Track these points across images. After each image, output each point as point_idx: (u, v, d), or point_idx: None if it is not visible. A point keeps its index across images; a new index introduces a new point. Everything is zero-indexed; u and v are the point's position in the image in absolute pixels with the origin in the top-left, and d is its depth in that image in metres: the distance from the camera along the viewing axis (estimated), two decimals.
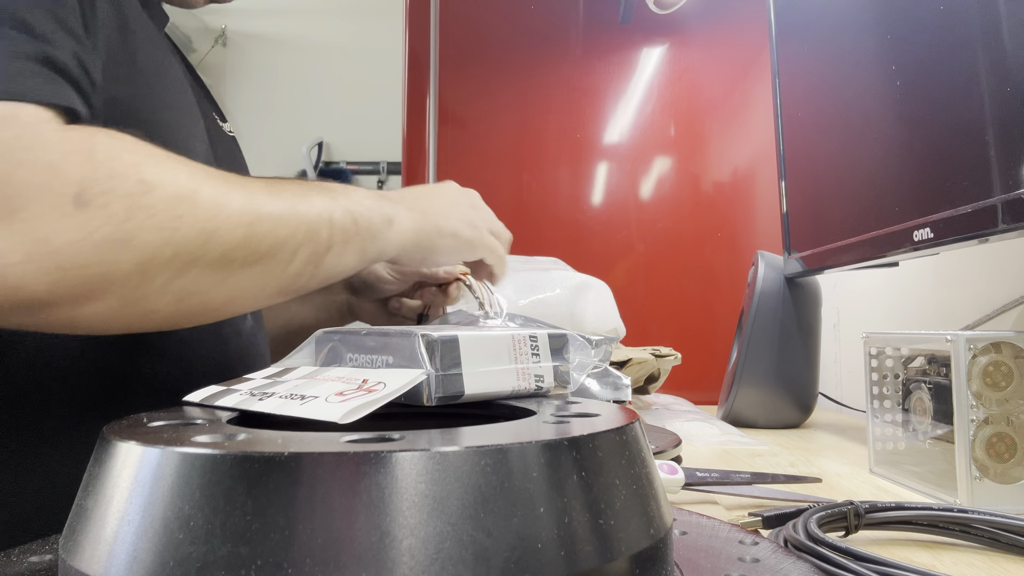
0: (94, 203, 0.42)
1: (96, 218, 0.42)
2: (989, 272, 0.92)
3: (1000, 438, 0.57)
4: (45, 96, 0.45)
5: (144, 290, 0.45)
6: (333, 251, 0.53)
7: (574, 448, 0.23)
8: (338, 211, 0.53)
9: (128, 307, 0.45)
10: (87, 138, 0.44)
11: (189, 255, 0.46)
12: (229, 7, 3.32)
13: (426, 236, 0.61)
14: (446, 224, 0.62)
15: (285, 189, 0.52)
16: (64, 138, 0.43)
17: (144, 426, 0.27)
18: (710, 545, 0.34)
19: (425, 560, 0.20)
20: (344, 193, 0.56)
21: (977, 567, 0.44)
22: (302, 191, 0.53)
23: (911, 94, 0.74)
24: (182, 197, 0.45)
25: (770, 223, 1.52)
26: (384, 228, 0.57)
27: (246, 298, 0.51)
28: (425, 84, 1.63)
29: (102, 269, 0.43)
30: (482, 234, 0.66)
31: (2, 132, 0.42)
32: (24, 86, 0.44)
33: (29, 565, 0.30)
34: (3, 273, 0.40)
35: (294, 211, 0.51)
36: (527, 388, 0.36)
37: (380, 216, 0.57)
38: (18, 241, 0.41)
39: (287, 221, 0.50)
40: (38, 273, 0.41)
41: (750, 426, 1.04)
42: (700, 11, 1.60)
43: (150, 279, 0.45)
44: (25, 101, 0.43)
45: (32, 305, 0.42)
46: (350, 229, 0.54)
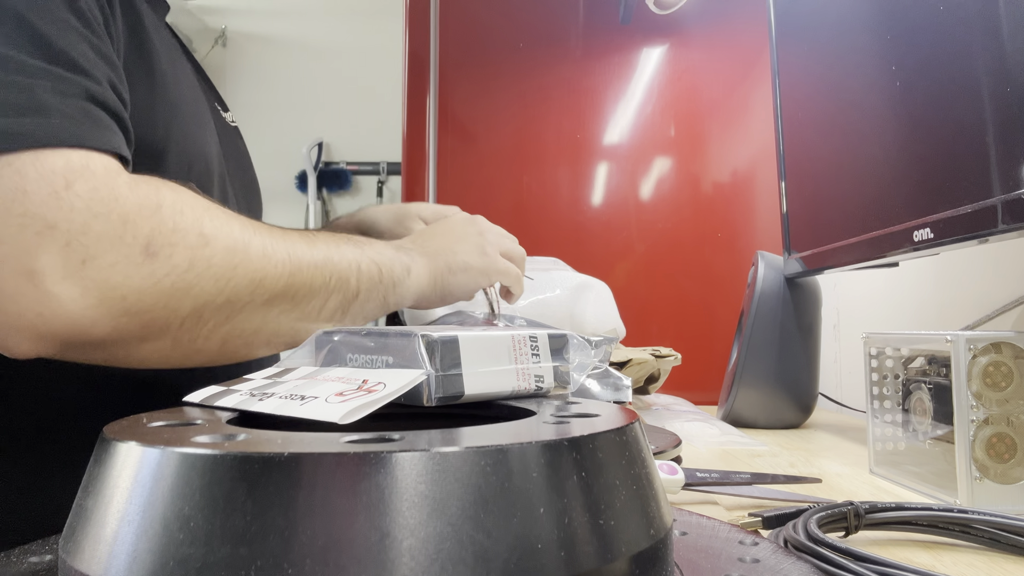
0: (161, 254, 0.46)
1: (162, 268, 0.46)
2: (989, 272, 0.92)
3: (1000, 438, 0.57)
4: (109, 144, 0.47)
5: (195, 333, 0.49)
6: (359, 298, 0.57)
7: (574, 448, 0.23)
8: (365, 261, 0.58)
9: (179, 347, 0.49)
10: (154, 193, 0.48)
11: (240, 301, 0.50)
12: (229, 7, 3.33)
13: (440, 277, 0.65)
14: (455, 260, 0.66)
15: (319, 240, 0.56)
16: (135, 192, 0.47)
17: (144, 426, 0.27)
18: (710, 545, 0.34)
19: (425, 561, 0.20)
20: (368, 244, 0.60)
21: (977, 567, 0.44)
22: (334, 242, 0.57)
23: (911, 94, 0.74)
24: (236, 249, 0.50)
25: (770, 223, 1.52)
26: (404, 277, 0.61)
27: (282, 340, 0.55)
28: (425, 84, 1.63)
29: (164, 314, 0.47)
30: (494, 259, 0.69)
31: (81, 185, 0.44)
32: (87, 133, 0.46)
33: (29, 565, 0.30)
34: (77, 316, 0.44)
35: (329, 260, 0.55)
36: (527, 388, 0.36)
37: (400, 266, 0.61)
38: (92, 287, 0.44)
39: (323, 270, 0.55)
40: (107, 316, 0.45)
41: (750, 426, 1.04)
42: (700, 11, 1.60)
43: (203, 323, 0.49)
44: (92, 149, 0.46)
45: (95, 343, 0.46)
46: (375, 278, 0.59)
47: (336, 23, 3.36)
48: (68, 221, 0.43)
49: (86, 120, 0.46)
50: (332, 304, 0.55)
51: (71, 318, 0.44)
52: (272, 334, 0.53)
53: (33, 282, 0.43)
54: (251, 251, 0.50)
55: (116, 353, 0.47)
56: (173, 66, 0.62)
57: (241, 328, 0.51)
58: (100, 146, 0.46)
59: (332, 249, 0.56)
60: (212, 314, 0.49)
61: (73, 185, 0.44)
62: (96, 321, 0.45)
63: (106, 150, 0.47)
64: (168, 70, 0.60)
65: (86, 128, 0.46)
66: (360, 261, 0.58)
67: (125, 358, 0.48)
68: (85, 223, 0.44)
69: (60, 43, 0.47)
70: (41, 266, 0.43)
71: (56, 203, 0.43)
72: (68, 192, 0.44)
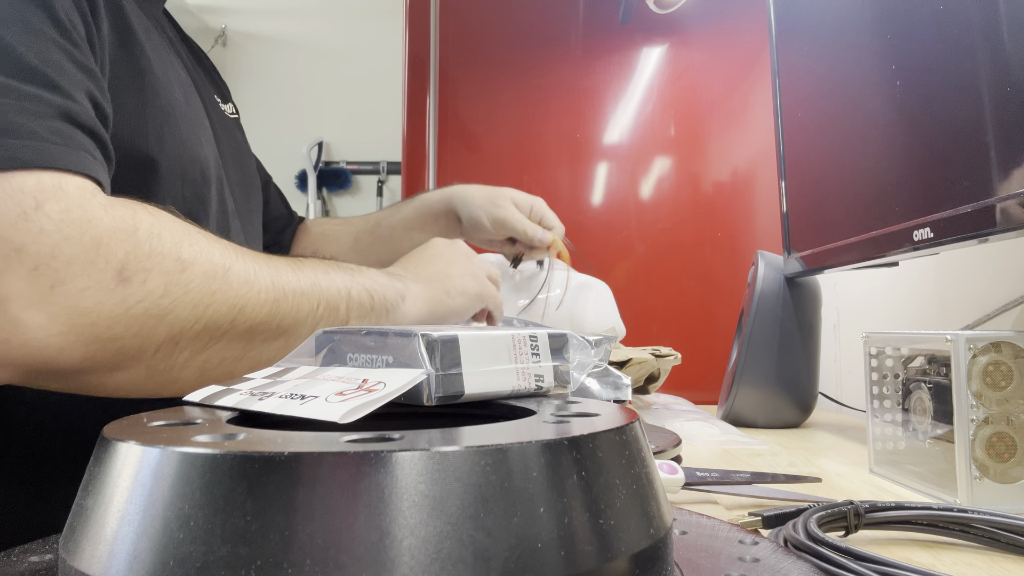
0: (135, 279, 0.44)
1: (136, 293, 0.44)
2: (989, 272, 0.92)
3: (1000, 438, 0.57)
4: (82, 167, 0.45)
5: (171, 362, 0.47)
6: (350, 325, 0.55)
7: (574, 448, 0.23)
8: (355, 287, 0.56)
9: (153, 376, 0.47)
10: (131, 215, 0.45)
11: (218, 329, 0.48)
12: (229, 7, 3.33)
13: (438, 302, 0.64)
14: (452, 285, 0.66)
15: (306, 266, 0.55)
16: (110, 213, 0.44)
17: (144, 426, 0.27)
18: (710, 545, 0.34)
19: (425, 560, 0.20)
20: (360, 271, 0.59)
21: (977, 567, 0.44)
22: (322, 268, 0.55)
23: (911, 94, 0.74)
24: (215, 275, 0.47)
25: (770, 223, 1.52)
26: (398, 303, 0.60)
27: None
28: (425, 84, 1.63)
29: (137, 341, 0.45)
30: (484, 283, 0.69)
31: (52, 206, 0.42)
32: (60, 155, 0.44)
33: (29, 565, 0.30)
34: (43, 343, 0.42)
35: (316, 287, 0.53)
36: (527, 388, 0.36)
37: (394, 292, 0.60)
38: (61, 312, 0.42)
39: (309, 297, 0.53)
40: (76, 344, 0.43)
41: (750, 426, 1.04)
42: (700, 11, 1.60)
43: (179, 351, 0.47)
44: (65, 171, 0.44)
45: (65, 372, 0.44)
46: (366, 304, 0.57)
47: (336, 23, 3.36)
48: (37, 244, 0.41)
49: (59, 141, 0.44)
50: None
51: (38, 345, 0.42)
52: (254, 363, 0.50)
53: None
54: (232, 277, 0.48)
55: (87, 382, 0.45)
56: (165, 70, 0.61)
57: (220, 357, 0.49)
58: (73, 168, 0.44)
59: (320, 275, 0.55)
60: (189, 342, 0.47)
61: (43, 206, 0.42)
62: (64, 349, 0.42)
63: (80, 172, 0.45)
64: (160, 75, 0.59)
65: (59, 150, 0.44)
66: (350, 288, 0.56)
67: (97, 387, 0.46)
68: (55, 246, 0.42)
69: (33, 59, 0.45)
70: (7, 291, 0.41)
71: (24, 225, 0.41)
72: (38, 213, 0.42)
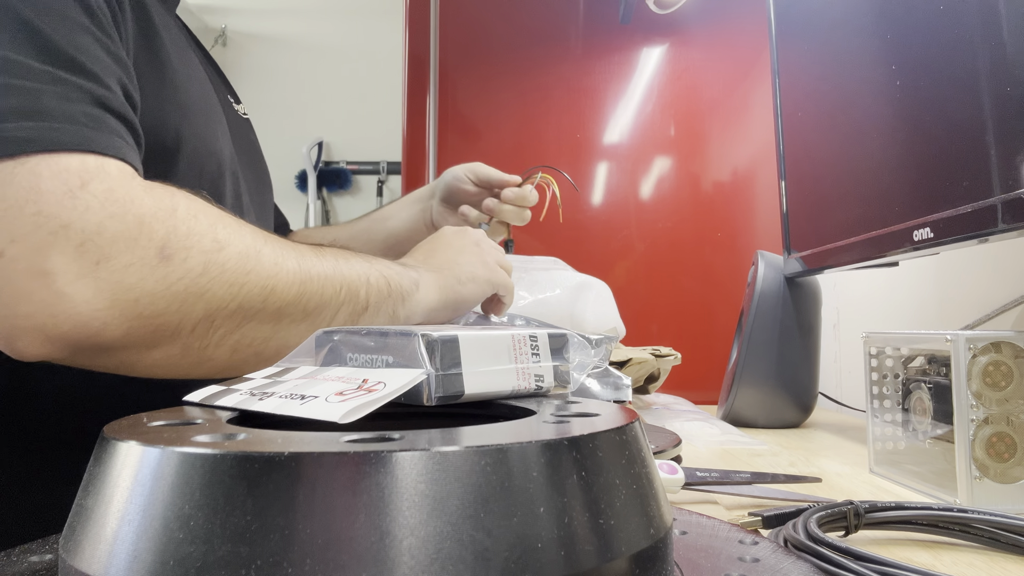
0: (175, 257, 0.46)
1: (176, 271, 0.46)
2: (989, 272, 0.92)
3: (1000, 438, 0.57)
4: (121, 151, 0.47)
5: (206, 340, 0.48)
6: (369, 311, 0.57)
7: (574, 448, 0.23)
8: (374, 274, 0.58)
9: (189, 354, 0.49)
10: (169, 197, 0.47)
11: (252, 308, 0.49)
12: (229, 7, 3.33)
13: (450, 289, 0.65)
14: (462, 272, 0.66)
15: (328, 253, 0.56)
16: (150, 194, 0.46)
17: (144, 426, 0.27)
18: (710, 545, 0.34)
19: (425, 560, 0.20)
20: (376, 260, 0.60)
21: (977, 567, 0.44)
22: (343, 255, 0.57)
23: (911, 94, 0.74)
24: (249, 256, 0.49)
25: (770, 223, 1.53)
26: (412, 291, 0.61)
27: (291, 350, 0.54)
28: (425, 84, 1.63)
29: (176, 319, 0.46)
30: (494, 270, 0.70)
31: (97, 185, 0.44)
32: (99, 139, 0.46)
33: (29, 565, 0.30)
34: (89, 317, 0.43)
35: (338, 272, 0.55)
36: (527, 388, 0.36)
37: (408, 280, 0.61)
38: (105, 288, 0.43)
39: (332, 281, 0.54)
40: (120, 319, 0.44)
41: (750, 426, 1.04)
42: (700, 11, 1.60)
43: (214, 329, 0.48)
44: (103, 154, 0.45)
45: (105, 347, 0.45)
46: (384, 291, 0.58)
47: (336, 23, 3.36)
48: (83, 221, 0.43)
49: (95, 125, 0.46)
50: (342, 316, 0.55)
51: (83, 320, 0.43)
52: (282, 344, 0.52)
53: (46, 282, 0.42)
54: (263, 259, 0.50)
55: (126, 359, 0.47)
56: (184, 64, 0.62)
57: (252, 337, 0.50)
58: (112, 152, 0.46)
59: (341, 262, 0.56)
60: (224, 321, 0.48)
61: (88, 185, 0.44)
62: (108, 324, 0.44)
63: (118, 156, 0.46)
64: (179, 68, 0.60)
65: (97, 134, 0.46)
66: (369, 274, 0.57)
67: (134, 364, 0.48)
68: (100, 223, 0.43)
69: (68, 47, 0.46)
70: (54, 266, 0.42)
71: (71, 202, 0.43)
72: (83, 191, 0.43)
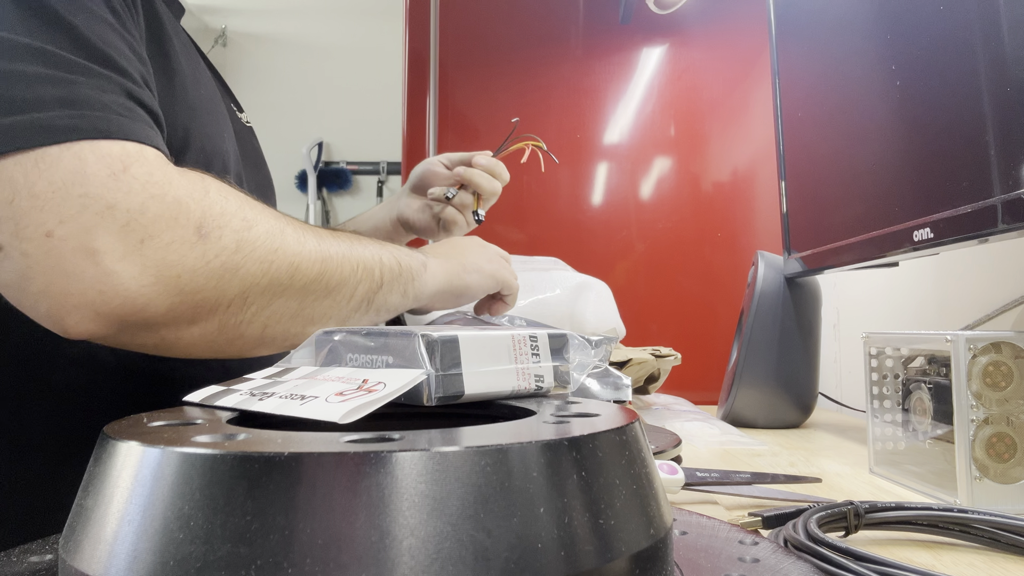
0: (212, 235, 0.48)
1: (213, 248, 0.48)
2: (989, 272, 0.92)
3: (1000, 438, 0.57)
4: (153, 140, 0.49)
5: (240, 316, 0.51)
6: (383, 289, 0.60)
7: (574, 448, 0.23)
8: (386, 254, 0.61)
9: (223, 331, 0.51)
10: (200, 180, 0.50)
11: (280, 285, 0.52)
12: (229, 7, 3.33)
13: (455, 275, 0.68)
14: (468, 262, 0.70)
15: (343, 235, 0.59)
16: (184, 177, 0.49)
17: (144, 426, 0.27)
18: (710, 545, 0.34)
19: (425, 560, 0.20)
20: (384, 243, 0.63)
21: (977, 567, 0.44)
22: (355, 237, 0.60)
23: (911, 94, 0.74)
24: (275, 234, 0.52)
25: (770, 223, 1.53)
26: (421, 271, 0.64)
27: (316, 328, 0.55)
28: (425, 84, 1.63)
29: (214, 295, 0.49)
30: (500, 265, 0.73)
31: (138, 168, 0.46)
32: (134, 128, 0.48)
33: (29, 565, 0.30)
34: (135, 294, 0.46)
35: (354, 252, 0.58)
36: (527, 388, 0.36)
37: (417, 261, 0.64)
38: (150, 265, 0.46)
39: (350, 260, 0.57)
40: (163, 295, 0.46)
41: (750, 426, 1.04)
42: (700, 11, 1.60)
43: (248, 306, 0.51)
44: (139, 142, 0.48)
45: (150, 324, 0.47)
46: (395, 270, 0.61)
47: (336, 23, 3.36)
48: (127, 201, 0.45)
49: (130, 116, 0.48)
50: (360, 293, 0.58)
51: (129, 296, 0.45)
52: (307, 321, 0.54)
53: (94, 260, 0.44)
54: (287, 237, 0.52)
55: (167, 335, 0.49)
56: (192, 67, 0.63)
57: (280, 313, 0.53)
58: (147, 140, 0.48)
59: (355, 243, 0.59)
60: (256, 296, 0.51)
61: (130, 168, 0.46)
62: (152, 300, 0.46)
63: (152, 144, 0.49)
64: (188, 71, 0.62)
65: (131, 123, 0.48)
66: (381, 254, 0.60)
67: (175, 342, 0.50)
68: (143, 204, 0.46)
69: (99, 42, 0.48)
70: (101, 245, 0.44)
71: (115, 184, 0.45)
72: (126, 175, 0.45)
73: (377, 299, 0.59)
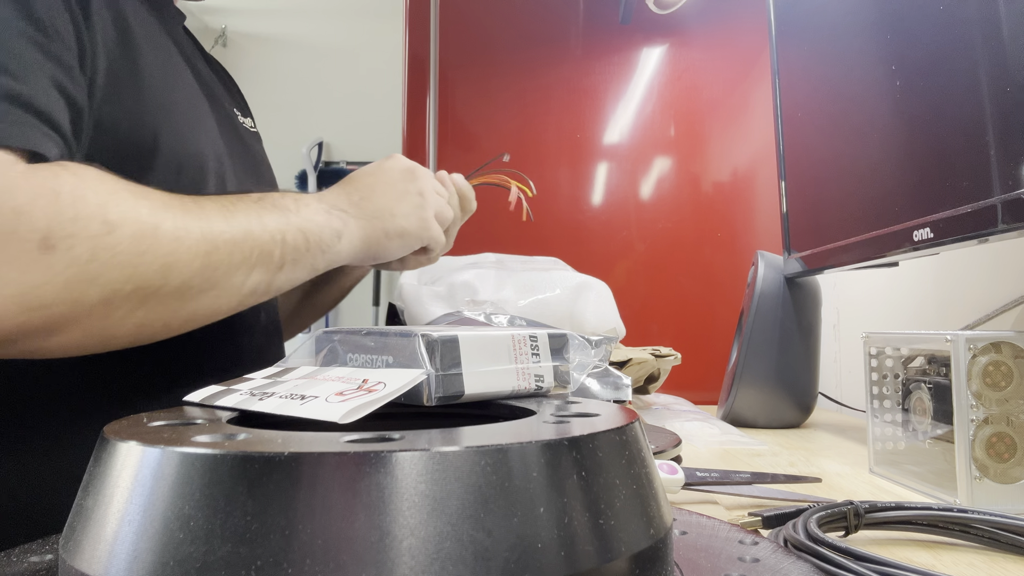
0: (60, 246, 0.44)
1: (61, 260, 0.44)
2: (989, 272, 0.92)
3: (1000, 438, 0.57)
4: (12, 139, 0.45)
5: (107, 322, 0.47)
6: (285, 269, 0.56)
7: (574, 448, 0.23)
8: (290, 230, 0.56)
9: (91, 337, 0.48)
10: (51, 179, 0.45)
11: (150, 288, 0.48)
12: (229, 7, 3.33)
13: (375, 242, 0.63)
14: (393, 225, 0.64)
15: (240, 211, 0.54)
16: (30, 182, 0.44)
17: (144, 426, 0.27)
18: (710, 545, 0.34)
19: (425, 560, 0.20)
20: (296, 209, 0.58)
21: (977, 567, 0.44)
22: (256, 212, 0.55)
23: (911, 94, 0.74)
24: (144, 234, 0.47)
25: (770, 223, 1.53)
26: (333, 242, 0.60)
27: (204, 317, 0.54)
28: (425, 84, 1.64)
29: (68, 307, 0.45)
30: (429, 224, 0.67)
31: None
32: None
33: (29, 565, 0.30)
34: None
35: (249, 235, 0.53)
36: (527, 388, 0.36)
37: (330, 231, 0.59)
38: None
39: (241, 246, 0.53)
40: (6, 315, 0.43)
41: (750, 426, 1.04)
42: (700, 11, 1.60)
43: (113, 311, 0.47)
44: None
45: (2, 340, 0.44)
46: (301, 247, 0.57)
47: (336, 23, 3.36)
48: None
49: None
50: (254, 279, 0.54)
51: None
52: (190, 315, 0.52)
53: None
54: (161, 235, 0.48)
55: (28, 347, 0.46)
56: (167, 71, 0.62)
57: (156, 313, 0.49)
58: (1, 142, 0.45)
59: (253, 220, 0.54)
60: (121, 302, 0.47)
61: None
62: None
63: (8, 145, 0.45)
64: (159, 74, 0.61)
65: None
66: (285, 231, 0.56)
67: (37, 352, 0.47)
68: None
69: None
70: None
71: None
72: None
73: (278, 279, 0.56)
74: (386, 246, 0.64)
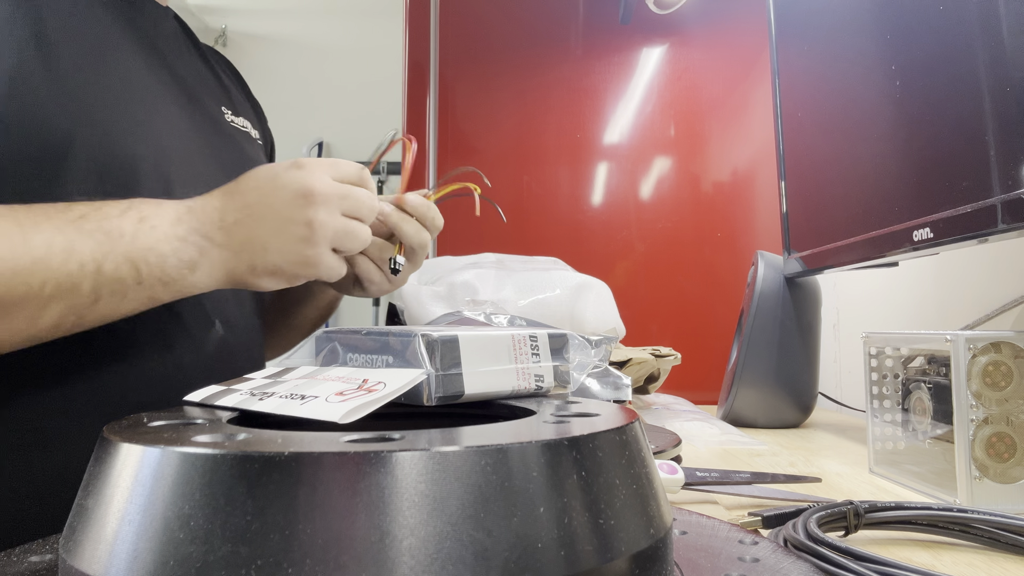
0: None
1: None
2: (989, 272, 0.92)
3: (1000, 438, 0.57)
4: None
5: None
6: (103, 301, 0.50)
7: (574, 448, 0.23)
8: (112, 260, 0.49)
9: None
10: None
11: None
12: (229, 7, 3.33)
13: (239, 277, 0.55)
14: (263, 261, 0.54)
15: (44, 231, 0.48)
16: None
17: (144, 426, 0.27)
18: (710, 545, 0.34)
19: (425, 560, 0.20)
20: (133, 235, 0.50)
21: (977, 567, 0.44)
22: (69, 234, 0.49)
23: (911, 94, 0.74)
24: None
25: (770, 223, 1.53)
26: (184, 274, 0.52)
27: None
28: (425, 84, 1.64)
29: None
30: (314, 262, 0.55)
31: None
32: None
33: (29, 565, 0.30)
34: None
35: (40, 263, 0.47)
36: (527, 388, 0.36)
37: (177, 262, 0.52)
38: None
39: (29, 278, 0.47)
40: None
41: (750, 426, 1.04)
42: (700, 11, 1.60)
43: None
44: None
45: None
46: (127, 279, 0.50)
47: (336, 23, 3.36)
48: None
49: None
50: (52, 313, 0.48)
51: None
52: None
53: None
54: None
55: None
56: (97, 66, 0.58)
57: None
58: None
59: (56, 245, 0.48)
60: None
61: None
62: None
63: None
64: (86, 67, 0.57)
65: None
66: (102, 261, 0.49)
67: None
68: None
69: None
70: None
71: None
72: None
73: (96, 310, 0.50)
74: (253, 283, 0.55)
